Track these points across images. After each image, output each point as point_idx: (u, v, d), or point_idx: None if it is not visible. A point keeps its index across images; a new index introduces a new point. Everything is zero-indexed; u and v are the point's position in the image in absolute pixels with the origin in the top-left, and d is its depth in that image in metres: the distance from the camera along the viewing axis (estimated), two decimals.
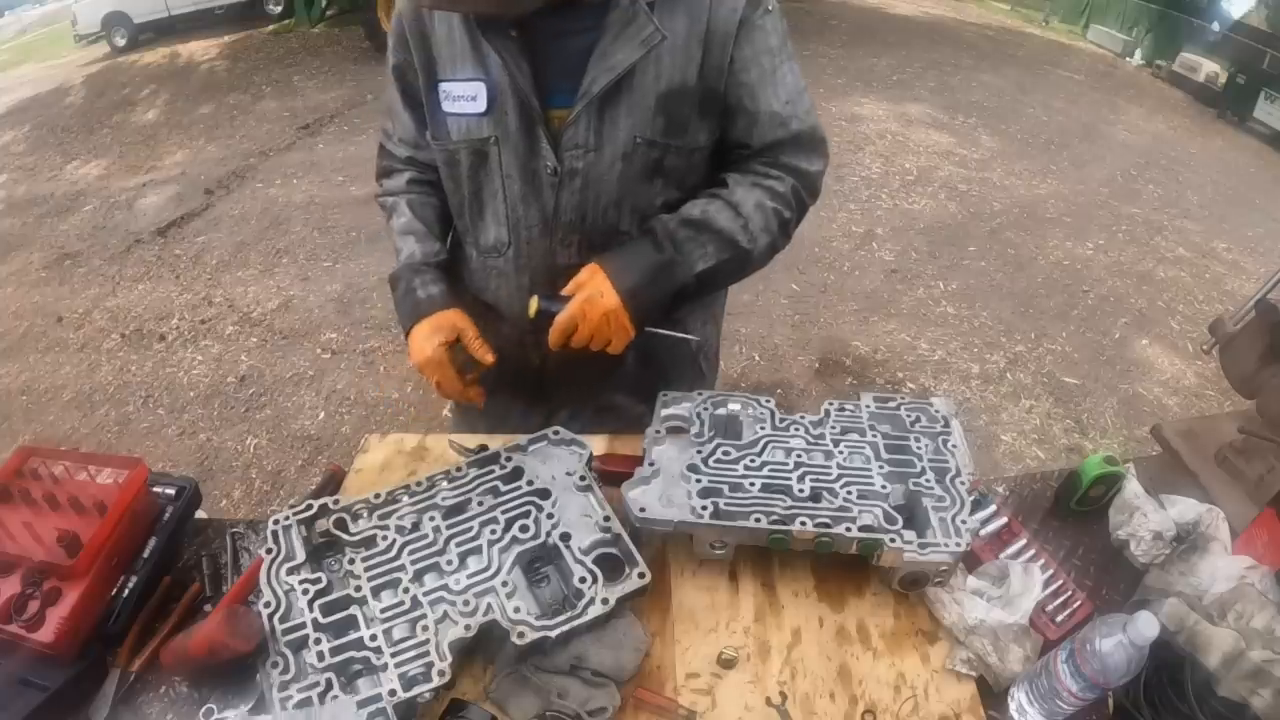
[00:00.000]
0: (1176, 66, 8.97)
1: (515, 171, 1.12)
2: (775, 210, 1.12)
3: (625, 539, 0.97)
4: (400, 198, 1.26)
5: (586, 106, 1.04)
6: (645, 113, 1.06)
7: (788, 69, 1.10)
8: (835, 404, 1.12)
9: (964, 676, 0.93)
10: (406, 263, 1.22)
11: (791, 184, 1.13)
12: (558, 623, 0.89)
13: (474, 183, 1.16)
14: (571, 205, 1.12)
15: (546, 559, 0.99)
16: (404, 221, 1.25)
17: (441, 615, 0.90)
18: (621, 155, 1.08)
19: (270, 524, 0.98)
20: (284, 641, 0.87)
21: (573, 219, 1.13)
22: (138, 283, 4.28)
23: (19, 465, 1.10)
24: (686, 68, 1.05)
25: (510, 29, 1.02)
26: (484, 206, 1.18)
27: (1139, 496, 1.14)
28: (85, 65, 9.67)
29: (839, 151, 5.73)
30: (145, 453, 2.94)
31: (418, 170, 1.28)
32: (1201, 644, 0.92)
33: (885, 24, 10.03)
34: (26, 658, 0.95)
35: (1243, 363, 1.51)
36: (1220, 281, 4.39)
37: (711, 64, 1.06)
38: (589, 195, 1.11)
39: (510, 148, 1.10)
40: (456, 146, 1.14)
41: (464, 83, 1.09)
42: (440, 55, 1.10)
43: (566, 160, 1.08)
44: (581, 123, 1.05)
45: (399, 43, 1.15)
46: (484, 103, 1.08)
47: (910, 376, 3.41)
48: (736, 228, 1.09)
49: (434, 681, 0.84)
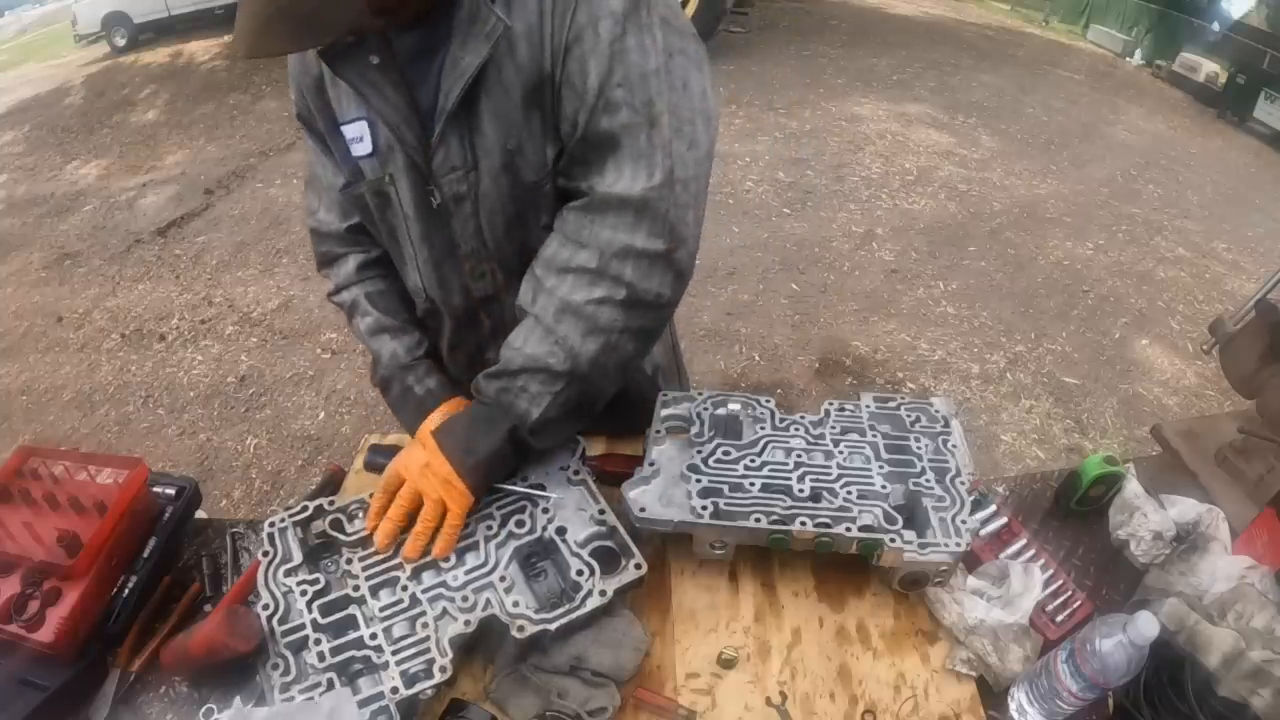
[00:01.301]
0: (1176, 66, 8.96)
1: (412, 209, 1.00)
2: (595, 302, 0.91)
3: (621, 531, 0.98)
4: (356, 292, 1.15)
5: (449, 124, 0.90)
6: (514, 115, 0.90)
7: (636, 42, 0.86)
8: (835, 404, 1.12)
9: (964, 676, 0.93)
10: (391, 363, 1.13)
11: (615, 247, 0.89)
12: (556, 615, 0.89)
13: (386, 225, 1.05)
14: (469, 233, 1.00)
15: (543, 553, 0.99)
16: (370, 321, 1.14)
17: (441, 612, 0.90)
18: (501, 167, 0.94)
19: (266, 527, 0.98)
20: (284, 643, 0.87)
21: (475, 247, 1.01)
22: (138, 283, 4.28)
23: (19, 465, 1.10)
24: (543, 53, 0.87)
25: (369, 56, 0.88)
26: (400, 249, 1.08)
27: (1139, 496, 1.14)
28: (85, 65, 9.67)
29: (839, 151, 5.73)
30: (145, 453, 2.94)
31: (361, 248, 1.15)
32: (1201, 644, 0.92)
33: (885, 24, 10.02)
34: (26, 658, 0.95)
35: (1243, 363, 1.51)
36: (1220, 281, 4.39)
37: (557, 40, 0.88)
38: (482, 220, 0.98)
39: (404, 185, 0.98)
40: (360, 191, 1.02)
41: (353, 124, 0.98)
42: (333, 96, 0.99)
43: (446, 187, 0.95)
44: (451, 143, 0.92)
45: (298, 94, 1.04)
46: (369, 143, 0.97)
47: (910, 376, 3.41)
48: (545, 350, 0.93)
49: (435, 678, 0.84)
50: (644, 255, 0.90)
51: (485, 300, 1.08)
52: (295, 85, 1.04)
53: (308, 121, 1.07)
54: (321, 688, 0.83)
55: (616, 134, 0.87)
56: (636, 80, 0.86)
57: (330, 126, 1.02)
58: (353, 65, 0.89)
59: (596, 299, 0.91)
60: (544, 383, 0.94)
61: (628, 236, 0.89)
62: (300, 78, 1.03)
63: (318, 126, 1.05)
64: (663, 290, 0.93)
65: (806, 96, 6.86)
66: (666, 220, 0.89)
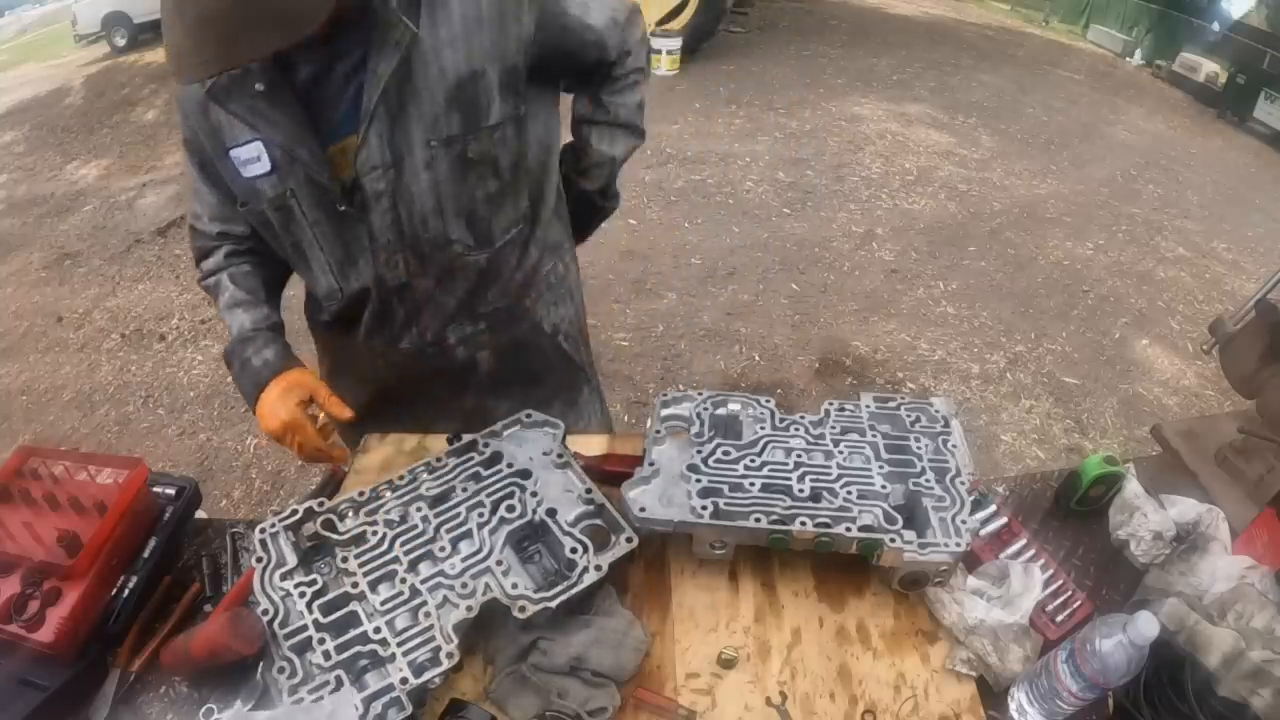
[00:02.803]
0: (1176, 66, 8.95)
1: (320, 215, 1.09)
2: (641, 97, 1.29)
3: (609, 508, 1.00)
4: (221, 274, 1.21)
5: (371, 126, 1.00)
6: (435, 113, 1.02)
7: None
8: (835, 404, 1.12)
9: (964, 676, 0.93)
10: (236, 336, 1.17)
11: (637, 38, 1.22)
12: (556, 593, 0.91)
13: (290, 237, 1.13)
14: (385, 225, 1.09)
15: (535, 536, 1.01)
16: (228, 296, 1.19)
17: (441, 600, 0.91)
18: (423, 164, 1.05)
19: (257, 533, 0.98)
20: (287, 646, 0.87)
21: (390, 239, 1.11)
22: (138, 283, 4.28)
23: (19, 465, 1.10)
24: (473, 54, 1.00)
25: (254, 85, 0.97)
26: (307, 259, 1.16)
27: (1139, 496, 1.14)
28: (85, 65, 9.67)
29: (839, 151, 5.73)
30: (145, 453, 2.94)
31: (233, 243, 1.22)
32: (1201, 644, 0.92)
33: (885, 24, 10.02)
34: (26, 658, 0.95)
35: (1243, 363, 1.52)
36: (1220, 281, 4.39)
37: (507, 40, 1.02)
38: (401, 212, 1.08)
39: (307, 195, 1.07)
40: (260, 209, 1.10)
41: (245, 146, 1.04)
42: (222, 121, 1.05)
43: (367, 184, 1.05)
44: (372, 143, 1.01)
45: (184, 118, 1.09)
46: (267, 161, 1.04)
47: (910, 376, 3.40)
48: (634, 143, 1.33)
49: (443, 665, 0.85)
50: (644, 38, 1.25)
51: (398, 289, 1.17)
52: (181, 111, 1.08)
53: (195, 148, 1.11)
54: (330, 686, 0.84)
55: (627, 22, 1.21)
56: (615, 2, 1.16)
57: (219, 151, 1.07)
58: (238, 97, 0.98)
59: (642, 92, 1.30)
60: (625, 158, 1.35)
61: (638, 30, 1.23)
62: (185, 104, 1.06)
63: (205, 153, 1.10)
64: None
65: (806, 96, 6.85)
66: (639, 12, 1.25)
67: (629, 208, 4.74)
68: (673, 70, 7.18)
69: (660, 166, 5.28)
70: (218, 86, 0.97)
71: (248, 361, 1.15)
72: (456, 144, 1.05)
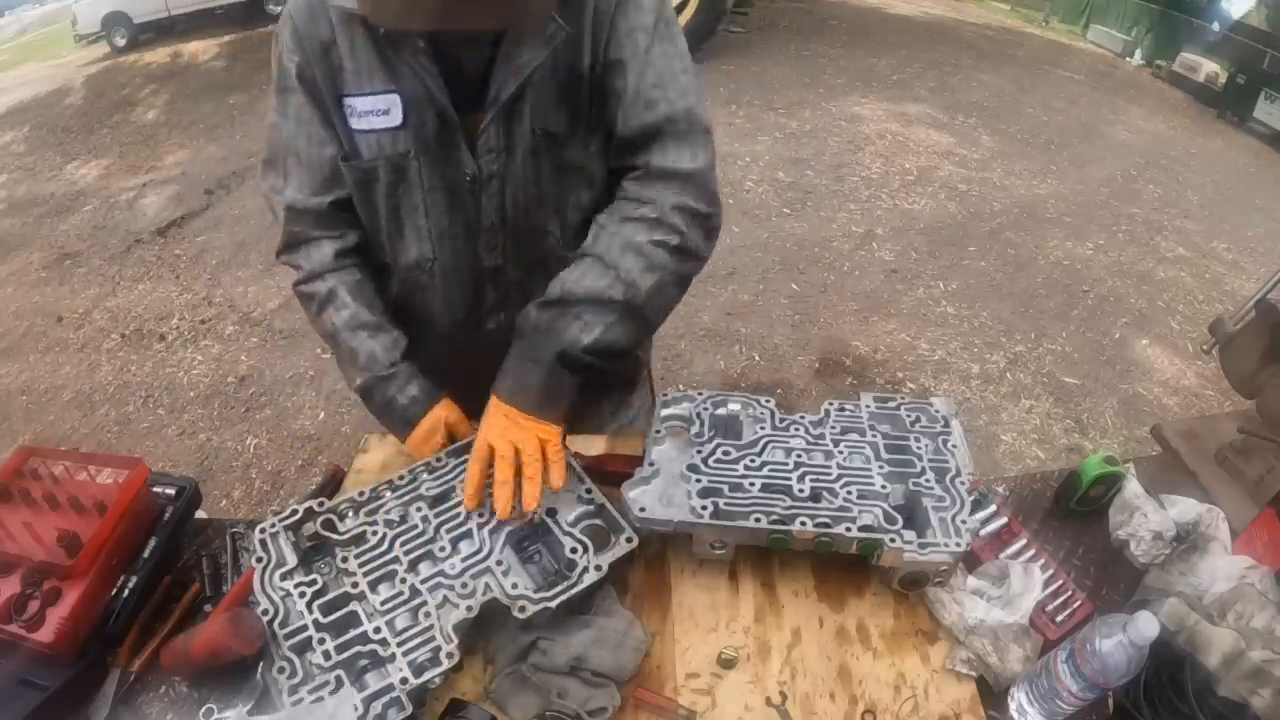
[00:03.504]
0: (1176, 66, 8.94)
1: (437, 182, 1.07)
2: (654, 244, 1.02)
3: (609, 508, 1.00)
4: (333, 281, 1.13)
5: (499, 110, 1.01)
6: (548, 108, 1.03)
7: (661, 50, 1.02)
8: (835, 404, 1.12)
9: (964, 676, 0.93)
10: (370, 369, 1.13)
11: (671, 202, 1.02)
12: (556, 593, 0.91)
13: (392, 200, 1.10)
14: (492, 209, 1.10)
15: (535, 536, 1.01)
16: (348, 316, 1.13)
17: (441, 600, 0.91)
18: (530, 152, 1.06)
19: (257, 533, 0.98)
20: (287, 646, 0.87)
21: (494, 222, 1.11)
22: (138, 283, 4.28)
23: (19, 465, 1.10)
24: (579, 55, 1.01)
25: (418, 41, 0.96)
26: (403, 224, 1.13)
27: (1139, 496, 1.14)
28: (85, 65, 9.66)
29: (839, 151, 5.73)
30: (145, 453, 2.94)
31: (337, 232, 1.14)
32: (1201, 644, 0.92)
33: (885, 24, 10.01)
34: (26, 658, 0.95)
35: (1243, 363, 1.52)
36: (1220, 281, 4.38)
37: (600, 47, 1.02)
38: (507, 198, 1.09)
39: (430, 159, 1.05)
40: (373, 164, 1.06)
41: (374, 96, 1.02)
42: (345, 68, 1.02)
43: (484, 165, 1.05)
44: (493, 127, 1.03)
45: (297, 45, 1.02)
46: (399, 116, 1.02)
47: (910, 376, 3.40)
48: (605, 284, 1.00)
49: (443, 665, 0.85)
50: (696, 214, 1.04)
51: (493, 271, 1.17)
52: (299, 48, 1.02)
53: (309, 85, 1.04)
54: (330, 686, 0.84)
55: (659, 125, 1.02)
56: (668, 79, 1.02)
57: (333, 96, 1.03)
58: (406, 47, 0.97)
59: (655, 240, 1.02)
60: (599, 312, 1.01)
61: (679, 197, 1.03)
62: (306, 40, 1.01)
63: (319, 93, 1.04)
64: (704, 245, 1.08)
65: (806, 96, 6.85)
66: (709, 190, 1.06)
67: None
68: None
69: None
70: (395, 31, 0.95)
71: (392, 400, 1.13)
72: (557, 142, 1.06)
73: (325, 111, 1.05)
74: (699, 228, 1.05)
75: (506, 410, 1.00)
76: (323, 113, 1.06)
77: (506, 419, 1.00)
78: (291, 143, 1.08)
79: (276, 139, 1.10)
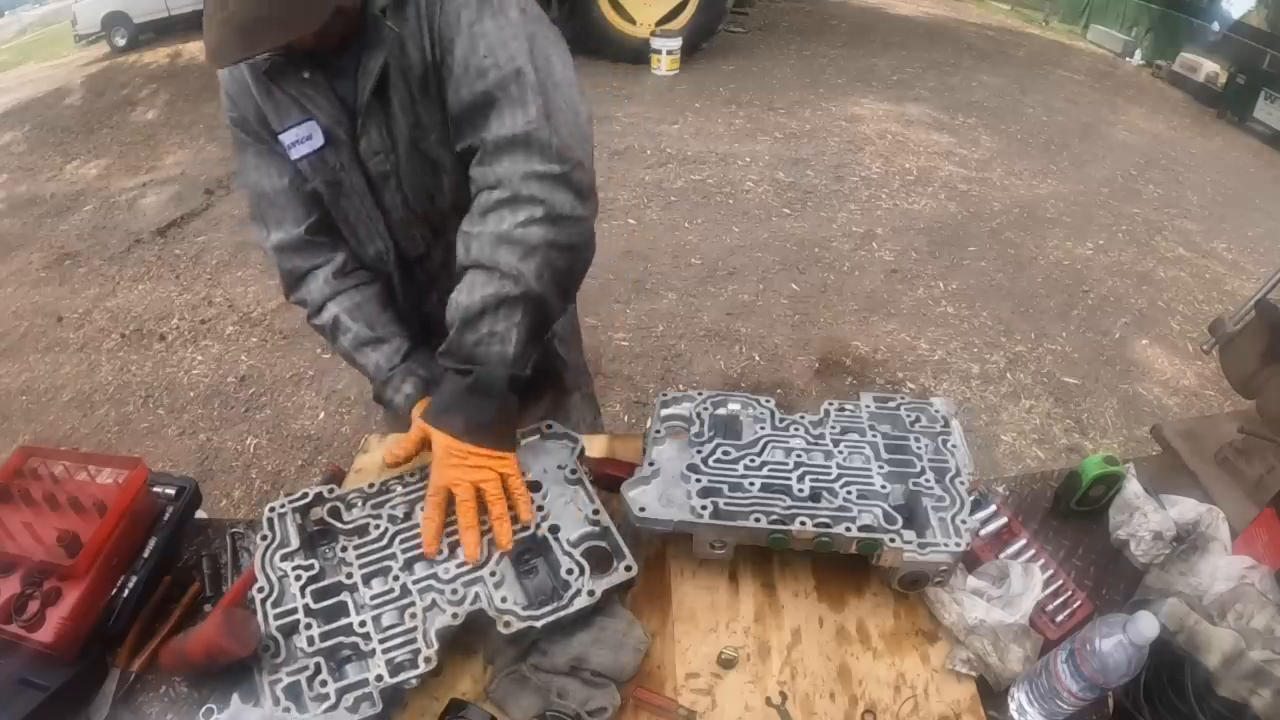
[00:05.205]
0: (1176, 66, 8.94)
1: (360, 187, 1.17)
2: (520, 225, 0.97)
3: (614, 532, 0.98)
4: (334, 310, 1.25)
5: (367, 116, 1.09)
6: (413, 103, 1.09)
7: (494, 23, 1.01)
8: (835, 404, 1.12)
9: (964, 676, 0.93)
10: (377, 378, 1.26)
11: (520, 172, 0.98)
12: (544, 613, 0.90)
13: (339, 211, 1.22)
14: (397, 204, 1.19)
15: (536, 550, 0.99)
16: (352, 337, 1.25)
17: (430, 603, 0.91)
18: (412, 146, 1.12)
19: (266, 511, 1.00)
20: (275, 626, 0.88)
21: (403, 215, 1.20)
22: (138, 283, 4.28)
23: (19, 465, 1.10)
24: (419, 47, 1.05)
25: (302, 72, 1.08)
26: (355, 228, 1.24)
27: (1139, 496, 1.14)
28: (85, 65, 9.65)
29: (839, 151, 5.73)
30: (145, 453, 2.94)
31: (324, 256, 1.26)
32: (1201, 644, 0.92)
33: (885, 24, 10.01)
34: (26, 658, 0.95)
35: (1243, 363, 1.52)
36: (1220, 281, 4.38)
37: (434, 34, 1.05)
38: (405, 192, 1.17)
39: (351, 171, 1.16)
40: (315, 184, 1.18)
41: (296, 127, 1.13)
42: (268, 110, 1.13)
43: (374, 167, 1.14)
44: (371, 132, 1.10)
45: (231, 104, 1.17)
46: (320, 139, 1.13)
47: (910, 376, 3.40)
48: (494, 288, 0.97)
49: (420, 668, 0.85)
50: (545, 176, 0.99)
51: (419, 259, 1.27)
52: (233, 105, 1.17)
53: (244, 124, 1.18)
54: (309, 671, 0.84)
55: (490, 91, 1.00)
56: (497, 47, 1.00)
57: (271, 136, 1.16)
58: (291, 81, 1.08)
59: (521, 221, 0.98)
60: (505, 316, 0.98)
61: (525, 164, 0.99)
62: (230, 86, 1.16)
63: (260, 134, 1.17)
64: (575, 204, 1.01)
65: (806, 96, 6.85)
66: (552, 147, 0.99)
67: (629, 207, 4.74)
68: (673, 70, 7.18)
69: (660, 166, 5.28)
70: (274, 68, 1.07)
71: (391, 402, 1.25)
72: (434, 133, 1.11)
73: (271, 148, 1.18)
74: (561, 189, 0.99)
75: (459, 448, 0.97)
76: (269, 150, 1.19)
77: (457, 457, 0.97)
78: (257, 188, 1.22)
79: (249, 194, 1.24)
